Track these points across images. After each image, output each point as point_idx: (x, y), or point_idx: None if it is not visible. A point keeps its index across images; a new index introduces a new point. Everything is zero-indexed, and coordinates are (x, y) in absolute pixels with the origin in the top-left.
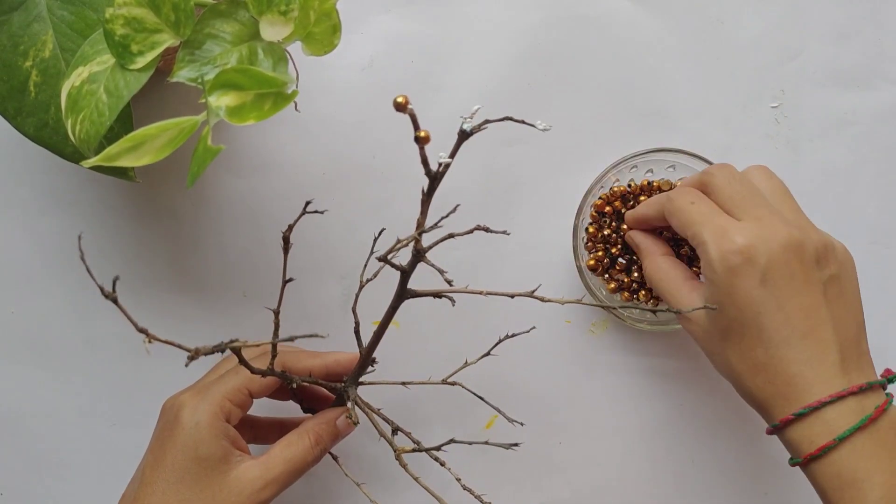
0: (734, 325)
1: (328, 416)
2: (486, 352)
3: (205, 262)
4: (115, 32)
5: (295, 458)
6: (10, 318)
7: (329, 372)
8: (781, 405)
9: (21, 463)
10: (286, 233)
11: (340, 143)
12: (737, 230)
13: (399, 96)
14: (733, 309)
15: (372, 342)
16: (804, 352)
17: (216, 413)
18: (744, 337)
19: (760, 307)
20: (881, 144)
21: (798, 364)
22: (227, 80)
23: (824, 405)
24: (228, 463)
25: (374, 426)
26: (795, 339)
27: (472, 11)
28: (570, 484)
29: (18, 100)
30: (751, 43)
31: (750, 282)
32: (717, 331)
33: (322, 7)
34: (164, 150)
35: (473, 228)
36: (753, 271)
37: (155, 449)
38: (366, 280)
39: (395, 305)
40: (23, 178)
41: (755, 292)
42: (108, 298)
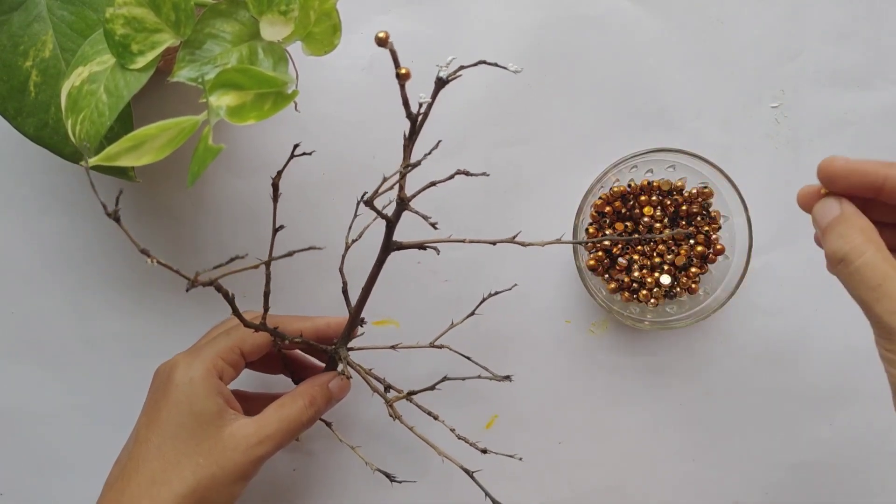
0: None
1: (321, 379)
2: (471, 311)
3: (205, 263)
4: (116, 32)
5: (289, 418)
6: (10, 318)
7: (319, 335)
8: None
9: (21, 463)
10: (275, 179)
11: (340, 143)
12: None
13: (381, 31)
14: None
15: (360, 299)
16: None
17: (209, 370)
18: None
19: None
20: (881, 144)
21: None
22: (228, 80)
23: None
24: (223, 419)
25: (367, 383)
26: None
27: (472, 11)
28: (570, 484)
29: (18, 100)
30: (751, 43)
31: None
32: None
33: (322, 7)
34: (164, 150)
35: (454, 174)
36: None
37: (149, 409)
38: (351, 241)
39: (381, 259)
40: (23, 178)
41: None
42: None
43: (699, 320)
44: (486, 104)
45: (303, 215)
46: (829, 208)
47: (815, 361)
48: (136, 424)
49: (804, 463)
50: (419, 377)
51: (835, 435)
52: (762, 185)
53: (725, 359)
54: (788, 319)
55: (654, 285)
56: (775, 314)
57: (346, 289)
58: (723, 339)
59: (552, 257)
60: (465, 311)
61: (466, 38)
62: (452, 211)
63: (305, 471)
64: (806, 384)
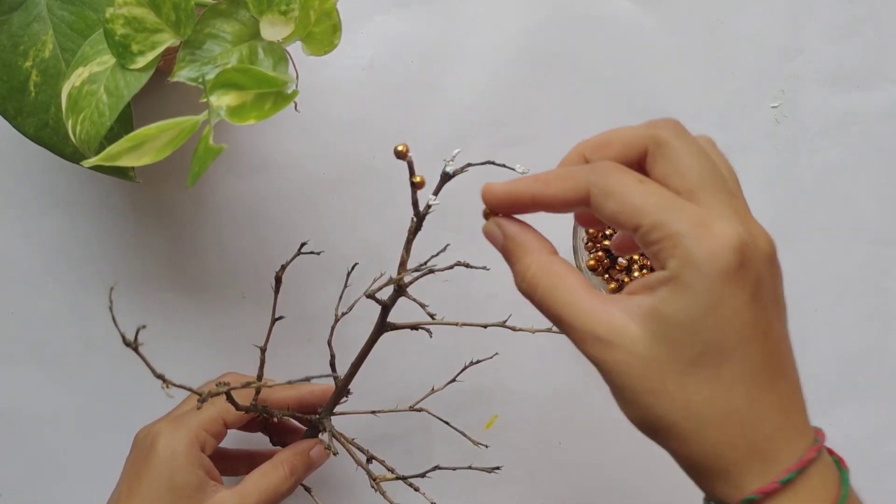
0: (709, 354)
1: (302, 446)
2: (452, 378)
3: (204, 263)
4: (116, 32)
5: (269, 489)
6: (10, 318)
7: (302, 403)
8: (758, 470)
9: (21, 463)
10: (279, 273)
11: (340, 143)
12: (723, 221)
13: (400, 145)
14: (715, 330)
15: (349, 374)
16: (783, 396)
17: (192, 442)
18: (720, 371)
19: (750, 331)
20: (881, 144)
21: (779, 412)
22: (228, 80)
23: (809, 465)
24: (204, 492)
25: (352, 456)
26: (777, 379)
27: (471, 11)
28: (570, 485)
29: (18, 100)
30: (751, 43)
31: (743, 295)
32: (673, 361)
33: (322, 7)
34: (164, 150)
35: (454, 264)
36: (748, 281)
37: (129, 478)
38: (341, 313)
39: (373, 339)
40: (23, 178)
41: (746, 310)
42: (128, 346)
43: None
44: (486, 104)
45: (303, 215)
46: (494, 234)
47: (815, 361)
48: (115, 491)
49: None
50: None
51: (835, 435)
52: (762, 185)
53: None
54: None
55: None
56: None
57: (333, 362)
58: None
59: None
60: (466, 311)
61: (466, 38)
62: (452, 211)
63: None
64: (806, 384)
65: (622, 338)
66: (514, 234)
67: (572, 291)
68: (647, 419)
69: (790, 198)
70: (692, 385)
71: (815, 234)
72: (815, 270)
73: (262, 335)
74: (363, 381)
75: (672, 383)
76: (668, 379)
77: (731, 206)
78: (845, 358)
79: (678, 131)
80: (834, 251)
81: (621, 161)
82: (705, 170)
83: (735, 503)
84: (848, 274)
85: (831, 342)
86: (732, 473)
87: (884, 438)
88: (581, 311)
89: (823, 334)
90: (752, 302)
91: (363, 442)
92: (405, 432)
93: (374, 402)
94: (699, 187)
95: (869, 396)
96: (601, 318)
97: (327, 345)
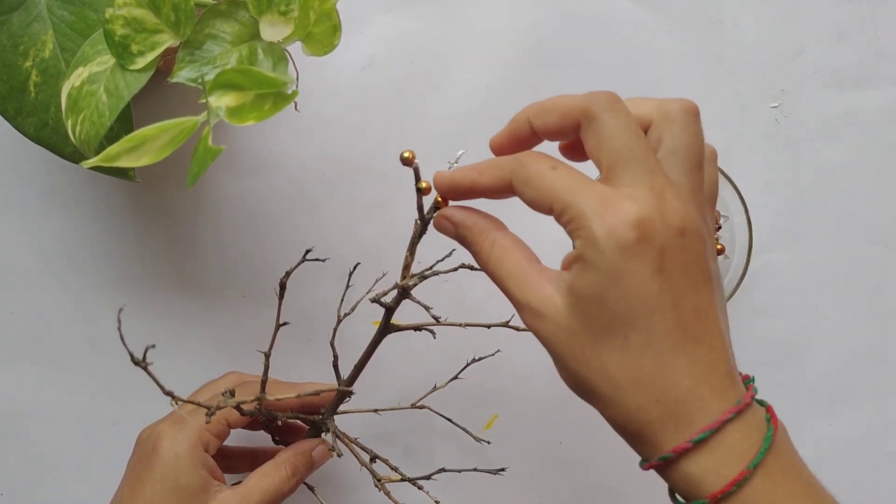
0: (616, 324)
1: (304, 446)
2: (454, 376)
3: (205, 263)
4: (116, 33)
5: (272, 489)
6: (11, 318)
7: (305, 403)
8: (672, 430)
9: (21, 463)
10: (283, 279)
11: (340, 144)
12: (627, 199)
13: (406, 151)
14: (620, 302)
15: (352, 376)
16: (697, 362)
17: (195, 443)
18: (628, 340)
19: (655, 302)
20: (881, 144)
21: (690, 377)
22: (227, 81)
23: (725, 425)
24: (207, 493)
25: (356, 456)
26: (689, 346)
27: (472, 11)
28: (570, 484)
29: (18, 100)
30: (751, 43)
31: (645, 268)
32: (588, 331)
33: (322, 7)
34: (164, 151)
35: (458, 267)
36: (649, 254)
37: (132, 480)
38: (343, 314)
39: (377, 340)
40: (23, 179)
41: (649, 282)
42: (137, 365)
43: None
44: (487, 104)
45: (302, 215)
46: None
47: (815, 361)
48: (118, 493)
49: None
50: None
51: (835, 435)
52: (762, 184)
53: None
54: (788, 319)
55: None
56: (775, 314)
57: (336, 363)
58: None
59: (554, 256)
60: (466, 311)
61: (466, 38)
62: None
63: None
64: (806, 384)
65: (549, 309)
66: (461, 220)
67: (516, 264)
68: (575, 383)
69: (790, 198)
70: (605, 353)
71: (815, 234)
72: (815, 270)
73: (263, 335)
74: (365, 380)
75: (589, 351)
76: (585, 347)
77: (647, 183)
78: (845, 358)
79: (610, 105)
80: (834, 251)
81: (560, 128)
82: (627, 147)
83: (654, 461)
84: (848, 274)
85: (831, 342)
86: (649, 434)
87: (884, 438)
88: (520, 284)
89: (823, 334)
90: (657, 274)
91: (365, 440)
92: (407, 430)
93: (377, 400)
94: (618, 163)
95: (869, 396)
96: (535, 291)
97: (330, 346)
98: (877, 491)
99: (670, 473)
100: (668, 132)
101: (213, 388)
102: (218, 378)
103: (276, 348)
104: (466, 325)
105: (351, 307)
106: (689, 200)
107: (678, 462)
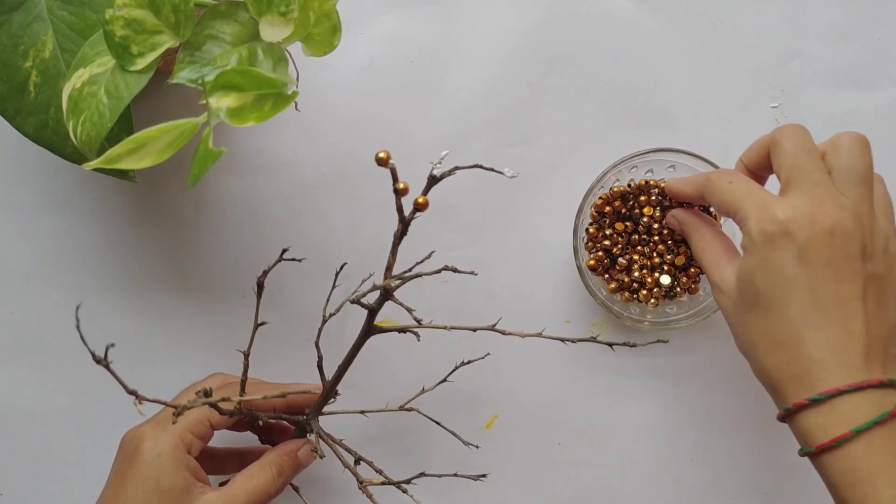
0: (762, 298)
1: (289, 447)
2: (443, 379)
3: (205, 263)
4: (116, 34)
5: (257, 490)
6: (10, 318)
7: (289, 403)
8: (796, 389)
9: (21, 463)
10: (260, 279)
11: (341, 143)
12: (780, 204)
13: (381, 151)
14: (764, 281)
15: (336, 377)
16: (829, 338)
17: (177, 444)
18: (770, 311)
19: (793, 283)
20: (881, 144)
21: (821, 349)
22: (228, 82)
23: (842, 394)
24: (190, 494)
25: (339, 458)
26: (823, 324)
27: (472, 11)
28: (570, 484)
29: (18, 100)
30: (751, 43)
31: (786, 255)
32: (744, 302)
33: (322, 8)
34: (165, 153)
35: (441, 269)
36: (791, 245)
37: (115, 482)
38: (329, 314)
39: (360, 342)
40: (22, 179)
41: (790, 267)
42: (99, 364)
43: (699, 320)
44: (486, 104)
45: (302, 215)
46: (672, 223)
47: None
48: (101, 496)
49: (804, 463)
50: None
51: None
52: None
53: (725, 359)
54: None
55: (654, 285)
56: None
57: (321, 363)
58: (723, 339)
59: (552, 257)
60: (467, 310)
61: (466, 38)
62: (451, 211)
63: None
64: None
65: (726, 286)
66: (683, 218)
67: (713, 252)
68: (738, 344)
69: None
70: (752, 321)
71: None
72: None
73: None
74: (355, 381)
75: (742, 318)
76: (740, 315)
77: (809, 193)
78: None
79: (791, 132)
80: None
81: (760, 158)
82: (798, 163)
83: (781, 412)
84: None
85: None
86: (780, 390)
87: None
88: (713, 267)
89: None
90: (796, 262)
91: (360, 439)
92: (403, 431)
93: (371, 400)
94: (791, 178)
95: None
96: (721, 272)
97: (315, 346)
98: None
99: (791, 424)
100: (836, 155)
101: (185, 397)
102: (202, 379)
103: (274, 348)
104: (452, 328)
105: (336, 308)
106: (849, 208)
107: (797, 415)
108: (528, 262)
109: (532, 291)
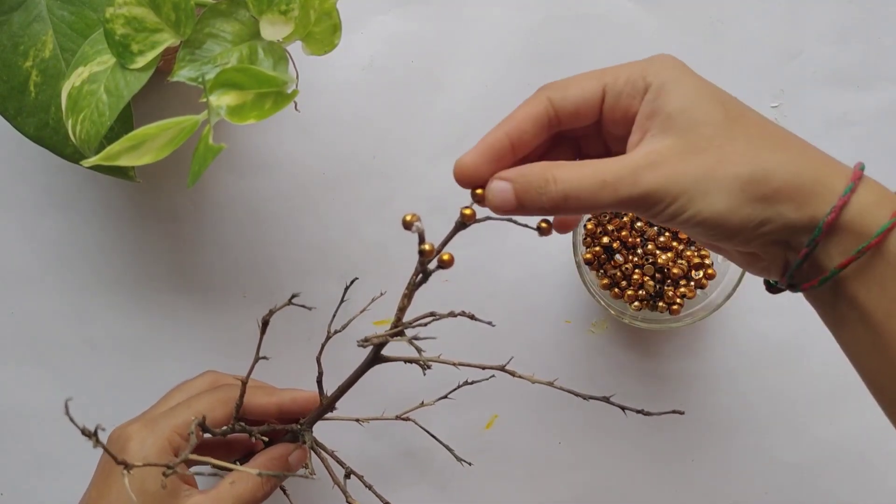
0: (731, 110)
1: (280, 451)
2: (443, 395)
3: (205, 263)
4: (116, 32)
5: (245, 495)
6: (10, 318)
7: (283, 410)
8: (831, 182)
9: (21, 463)
10: (266, 316)
11: (341, 143)
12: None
13: (407, 214)
14: (716, 103)
15: (334, 396)
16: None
17: (164, 447)
18: (747, 117)
19: (745, 108)
20: (881, 144)
21: (815, 148)
22: (228, 80)
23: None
24: (177, 498)
25: (329, 472)
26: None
27: (472, 11)
28: (570, 484)
29: (18, 100)
30: (751, 43)
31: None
32: (711, 126)
33: (322, 7)
34: (164, 150)
35: (458, 313)
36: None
37: (99, 483)
38: (334, 331)
39: (364, 369)
40: (22, 178)
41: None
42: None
43: (698, 320)
44: (486, 104)
45: (303, 215)
46: (499, 192)
47: (815, 361)
48: (85, 494)
49: (804, 463)
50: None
51: (835, 435)
52: None
53: (725, 359)
54: (788, 319)
55: (639, 287)
56: (775, 314)
57: (320, 378)
58: (723, 339)
59: (552, 257)
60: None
61: (466, 37)
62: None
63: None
64: (806, 384)
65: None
66: (512, 176)
67: (586, 181)
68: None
69: None
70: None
71: None
72: None
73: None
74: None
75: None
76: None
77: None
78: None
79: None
80: None
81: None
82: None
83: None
84: None
85: (831, 342)
86: (812, 187)
87: (884, 438)
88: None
89: (824, 334)
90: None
91: (363, 438)
92: (408, 432)
93: (365, 404)
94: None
95: (869, 396)
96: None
97: (316, 361)
98: (877, 491)
99: (835, 226)
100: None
101: (187, 389)
102: (194, 378)
103: (275, 348)
104: (461, 365)
105: (342, 325)
106: None
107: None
108: (528, 262)
109: (532, 291)
